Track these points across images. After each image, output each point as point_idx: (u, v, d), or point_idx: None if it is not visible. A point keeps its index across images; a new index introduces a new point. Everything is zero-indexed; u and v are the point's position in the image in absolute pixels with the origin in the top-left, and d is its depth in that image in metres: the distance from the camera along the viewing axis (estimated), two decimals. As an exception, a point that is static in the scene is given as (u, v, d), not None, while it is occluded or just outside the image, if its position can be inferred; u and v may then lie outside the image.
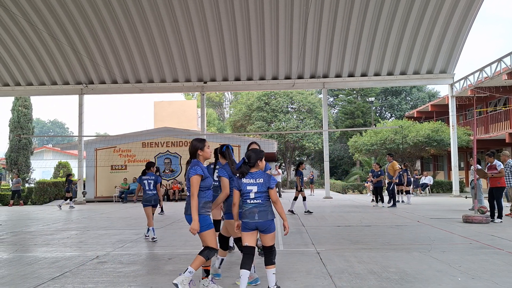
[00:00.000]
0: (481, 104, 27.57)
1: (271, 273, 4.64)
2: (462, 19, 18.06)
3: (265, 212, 4.66)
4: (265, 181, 4.69)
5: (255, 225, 4.65)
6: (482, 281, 5.05)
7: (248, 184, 4.70)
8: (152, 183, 8.84)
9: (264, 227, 4.65)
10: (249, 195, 4.69)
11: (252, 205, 4.68)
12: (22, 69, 21.16)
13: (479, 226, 9.66)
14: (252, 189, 4.68)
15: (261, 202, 4.68)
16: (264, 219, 4.63)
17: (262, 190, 4.68)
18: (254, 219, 4.63)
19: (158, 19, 18.18)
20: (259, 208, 4.66)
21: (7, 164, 29.84)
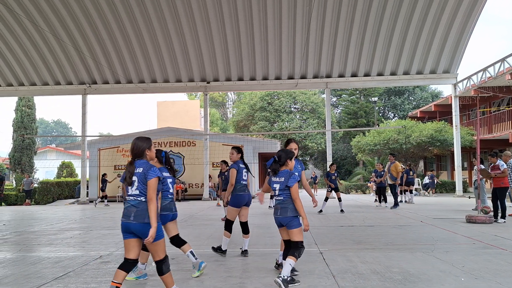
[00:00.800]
0: (484, 104, 27.50)
1: (288, 263, 4.80)
2: (465, 19, 18.01)
3: (286, 209, 4.94)
4: (285, 179, 4.95)
5: (278, 221, 5.06)
6: (485, 281, 5.03)
7: (274, 182, 5.06)
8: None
9: (285, 222, 4.96)
10: (275, 192, 5.06)
11: (277, 201, 5.07)
12: (25, 69, 21.23)
13: (482, 226, 9.63)
14: (276, 187, 5.03)
15: (283, 199, 5.00)
16: (284, 215, 4.94)
17: (283, 187, 4.96)
18: (276, 215, 5.05)
19: (161, 19, 18.20)
20: (281, 205, 4.99)
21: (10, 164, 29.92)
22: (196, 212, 14.65)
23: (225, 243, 6.65)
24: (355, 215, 12.58)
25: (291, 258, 4.81)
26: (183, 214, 14.21)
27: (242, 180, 6.71)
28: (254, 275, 5.55)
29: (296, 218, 4.96)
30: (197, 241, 8.44)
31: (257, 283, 5.18)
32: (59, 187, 25.28)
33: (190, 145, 23.18)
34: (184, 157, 23.02)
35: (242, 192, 6.66)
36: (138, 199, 4.25)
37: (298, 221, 4.97)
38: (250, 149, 23.18)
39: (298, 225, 4.94)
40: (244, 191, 6.70)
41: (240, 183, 6.69)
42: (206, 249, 7.45)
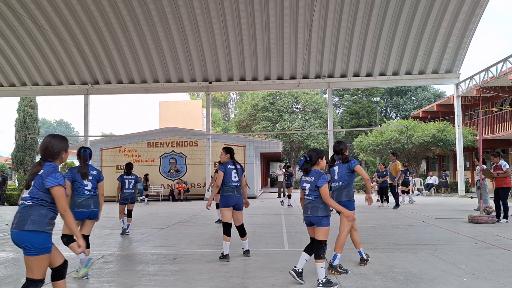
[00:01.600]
0: (486, 104, 27.46)
1: (319, 267, 4.91)
2: (467, 19, 17.97)
3: (316, 208, 5.03)
4: (315, 179, 5.04)
5: (308, 220, 5.14)
6: (488, 282, 5.03)
7: (305, 182, 5.17)
8: (132, 182, 9.67)
9: (315, 221, 5.04)
10: (305, 191, 5.16)
11: (307, 201, 5.16)
12: (28, 69, 21.27)
13: (484, 227, 9.62)
14: (306, 186, 5.14)
15: (314, 198, 5.07)
16: (314, 214, 5.03)
17: (313, 188, 5.05)
18: (306, 214, 5.14)
19: (163, 19, 18.22)
20: (312, 204, 5.07)
21: (13, 164, 30.00)
22: (198, 212, 14.66)
23: (225, 247, 6.49)
24: (357, 215, 12.50)
25: (320, 262, 4.94)
26: (185, 214, 14.24)
27: (230, 181, 6.53)
28: (256, 275, 5.56)
29: (327, 217, 5.05)
30: (199, 240, 8.46)
31: (259, 283, 5.18)
32: (62, 187, 25.29)
33: (192, 145, 23.20)
34: (186, 157, 23.05)
35: (229, 193, 6.50)
36: (26, 203, 3.64)
37: (328, 220, 5.06)
38: (252, 149, 23.20)
39: (327, 224, 5.04)
40: (232, 192, 6.51)
41: (228, 184, 6.52)
42: (208, 249, 7.46)
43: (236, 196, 6.53)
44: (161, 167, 23.10)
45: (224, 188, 6.54)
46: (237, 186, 6.58)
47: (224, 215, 6.54)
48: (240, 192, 6.65)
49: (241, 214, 6.66)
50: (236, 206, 6.55)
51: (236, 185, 6.56)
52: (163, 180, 23.10)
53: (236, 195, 6.53)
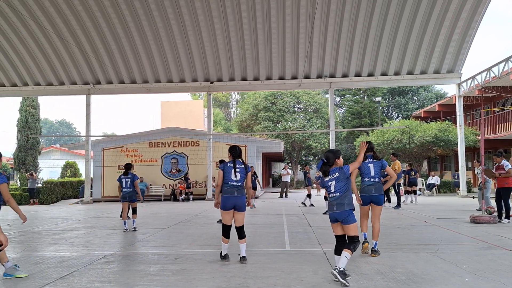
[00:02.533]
0: (488, 104, 27.41)
1: (344, 255, 5.05)
2: (469, 18, 17.95)
3: (342, 204, 5.22)
4: (340, 173, 5.30)
5: (334, 216, 5.29)
6: (490, 282, 5.02)
7: (328, 181, 5.34)
8: (129, 181, 10.01)
9: (342, 218, 5.21)
10: (330, 189, 5.33)
11: (332, 198, 5.32)
12: (29, 69, 21.30)
13: (486, 227, 9.60)
14: (331, 184, 5.32)
15: (339, 195, 5.26)
16: (341, 210, 5.21)
17: (339, 182, 5.28)
18: (332, 211, 5.29)
19: (165, 19, 18.23)
20: (337, 201, 5.25)
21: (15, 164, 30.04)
22: (199, 212, 14.66)
23: (223, 248, 6.41)
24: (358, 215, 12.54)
25: (347, 251, 5.05)
26: (186, 214, 14.24)
27: (230, 180, 6.28)
28: (257, 275, 5.55)
29: (352, 213, 5.23)
30: (201, 240, 8.46)
31: (260, 283, 5.18)
32: (63, 187, 25.35)
33: (193, 145, 23.20)
34: (188, 157, 23.05)
35: (228, 194, 6.24)
36: None
37: (354, 216, 5.25)
38: (254, 149, 23.19)
39: (354, 220, 5.21)
40: (232, 193, 6.25)
41: (228, 184, 6.28)
42: (209, 248, 7.46)
43: (236, 197, 6.25)
44: (163, 167, 23.10)
45: (223, 188, 6.31)
46: (237, 186, 6.29)
47: (223, 217, 6.39)
48: (242, 192, 6.34)
49: (242, 216, 6.38)
50: (237, 207, 6.29)
51: (236, 185, 6.28)
52: (165, 180, 23.10)
53: (236, 195, 6.25)
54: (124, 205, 10.15)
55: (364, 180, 6.76)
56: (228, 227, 6.37)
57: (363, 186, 6.76)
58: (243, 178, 6.38)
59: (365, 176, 6.77)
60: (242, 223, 6.39)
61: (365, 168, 6.76)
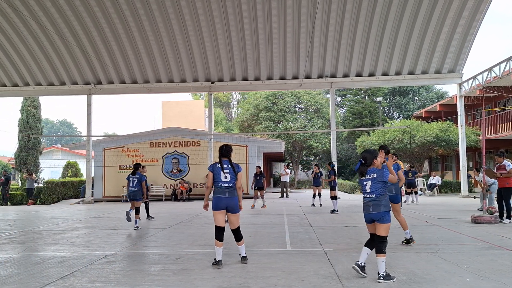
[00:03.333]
0: (489, 103, 27.38)
1: (381, 261, 5.13)
2: (470, 18, 17.93)
3: (379, 205, 5.28)
4: (378, 175, 5.33)
5: (370, 217, 5.35)
6: (491, 282, 5.02)
7: (365, 180, 5.41)
8: (136, 180, 10.39)
9: (378, 218, 5.27)
10: (365, 189, 5.40)
11: (368, 199, 5.37)
12: (31, 69, 21.32)
13: (487, 227, 9.59)
14: (367, 184, 5.38)
15: (375, 196, 5.31)
16: (377, 211, 5.26)
17: (375, 184, 5.32)
18: (368, 211, 5.34)
19: (166, 19, 18.24)
20: (374, 202, 5.30)
21: (16, 164, 30.05)
22: (200, 212, 14.67)
23: (217, 252, 6.10)
24: (360, 215, 12.55)
25: (381, 256, 5.15)
26: (187, 214, 14.25)
27: (220, 182, 6.14)
28: (258, 275, 5.56)
29: (388, 214, 5.30)
30: (202, 240, 8.46)
31: (261, 283, 5.18)
32: (64, 187, 25.35)
33: (194, 145, 23.20)
34: (189, 157, 23.05)
35: (219, 195, 6.12)
36: None
37: (390, 216, 5.32)
38: (255, 149, 23.19)
39: (389, 220, 5.29)
40: (223, 194, 6.12)
41: (219, 185, 6.15)
42: (210, 248, 7.46)
43: (227, 197, 6.11)
44: (164, 167, 23.11)
45: (215, 189, 6.20)
46: (228, 187, 6.14)
47: (215, 218, 6.15)
48: (234, 193, 6.18)
49: (236, 217, 6.21)
50: (229, 209, 6.14)
51: (227, 186, 6.14)
52: (166, 180, 23.10)
53: (227, 196, 6.11)
54: (132, 203, 10.61)
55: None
56: (221, 229, 6.13)
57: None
58: (233, 179, 6.20)
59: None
60: (237, 225, 6.22)
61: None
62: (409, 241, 7.42)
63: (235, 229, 6.22)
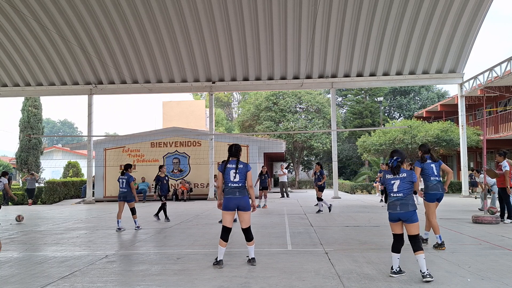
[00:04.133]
0: (490, 103, 27.34)
1: (421, 258, 5.14)
2: (471, 18, 17.92)
3: (406, 205, 5.31)
4: (408, 175, 5.39)
5: (397, 216, 5.35)
6: (492, 282, 5.01)
7: (393, 179, 5.42)
8: (124, 181, 10.28)
9: (406, 217, 5.29)
10: (392, 188, 5.40)
11: (394, 198, 5.38)
12: (32, 69, 21.34)
13: (488, 227, 9.58)
14: (395, 183, 5.39)
15: (403, 195, 5.34)
16: (405, 210, 5.28)
17: (404, 183, 5.35)
18: (395, 211, 5.34)
19: (166, 19, 18.25)
20: (401, 201, 5.33)
21: (17, 163, 30.08)
22: (201, 212, 14.67)
23: (220, 252, 6.04)
24: (360, 216, 12.55)
25: (420, 253, 5.17)
26: (188, 214, 14.25)
27: (230, 182, 6.10)
28: (259, 275, 5.55)
29: (416, 212, 5.33)
30: (203, 240, 8.46)
31: (262, 283, 5.18)
32: (65, 186, 25.36)
33: (195, 145, 23.21)
34: (190, 157, 23.05)
35: (230, 195, 6.05)
36: None
37: (417, 215, 5.35)
38: (256, 149, 23.19)
39: (417, 219, 5.33)
40: (233, 194, 6.05)
41: (228, 186, 6.10)
42: (211, 248, 7.46)
43: (238, 197, 6.04)
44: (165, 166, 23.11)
45: (225, 189, 6.14)
46: (238, 187, 6.08)
47: (224, 218, 6.12)
48: (244, 192, 6.11)
49: (247, 215, 6.14)
50: (240, 207, 6.08)
51: (237, 186, 6.08)
52: (167, 180, 23.09)
53: (237, 196, 6.04)
54: (120, 204, 10.40)
55: (431, 179, 7.23)
56: (228, 230, 6.07)
57: (431, 185, 7.20)
58: (243, 178, 6.14)
59: (430, 175, 7.23)
60: (248, 224, 6.15)
61: (429, 168, 7.27)
62: (441, 245, 7.07)
63: (246, 229, 6.15)
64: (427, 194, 7.23)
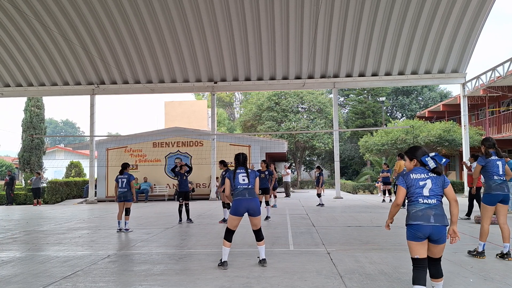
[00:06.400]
0: (493, 103, 27.30)
1: (441, 285, 4.21)
2: (474, 18, 17.89)
3: (442, 216, 4.02)
4: (441, 177, 4.14)
5: (428, 232, 3.99)
6: (494, 283, 5.00)
7: (422, 179, 4.10)
8: (125, 181, 10.05)
9: (440, 234, 3.99)
10: (421, 192, 4.07)
11: (425, 205, 4.06)
12: (34, 69, 21.38)
13: (491, 227, 9.50)
14: (426, 184, 4.08)
15: (436, 202, 4.06)
16: (441, 224, 3.98)
17: (438, 186, 4.09)
18: (428, 222, 3.98)
19: (169, 20, 18.26)
20: (435, 210, 4.02)
21: (20, 163, 30.16)
22: (203, 212, 14.68)
23: (224, 253, 6.01)
24: (362, 216, 12.54)
25: (440, 281, 4.14)
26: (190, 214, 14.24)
27: (239, 185, 6.13)
28: (261, 275, 5.55)
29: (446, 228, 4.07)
30: (205, 240, 8.46)
31: (264, 283, 5.18)
32: (68, 186, 25.43)
33: (197, 145, 23.23)
34: (192, 157, 23.07)
35: (239, 196, 6.04)
36: None
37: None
38: (258, 149, 23.20)
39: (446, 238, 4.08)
40: (243, 195, 6.04)
41: (238, 188, 6.13)
42: (213, 248, 7.46)
43: (248, 199, 6.01)
44: (167, 167, 23.13)
45: (234, 193, 6.15)
46: (248, 188, 6.10)
47: (230, 222, 6.07)
48: (254, 194, 6.12)
49: (258, 220, 6.11)
50: (251, 212, 6.03)
51: (246, 187, 6.11)
52: (169, 180, 23.13)
53: (247, 197, 6.01)
54: (120, 205, 10.22)
55: (494, 179, 6.31)
56: (232, 232, 6.06)
57: (494, 185, 6.29)
58: (252, 181, 6.21)
59: (494, 174, 6.31)
60: (259, 226, 6.14)
61: (493, 166, 6.33)
62: (504, 256, 6.26)
63: (257, 230, 6.14)
64: (487, 195, 6.32)
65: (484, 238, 6.35)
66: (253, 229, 6.16)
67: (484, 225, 6.41)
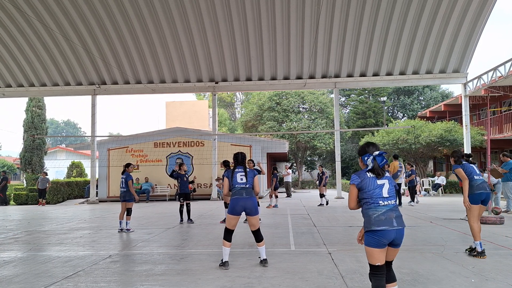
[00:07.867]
0: (495, 103, 27.26)
1: None
2: (475, 18, 17.86)
3: (401, 218, 3.77)
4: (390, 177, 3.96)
5: (391, 236, 3.68)
6: (496, 283, 4.99)
7: (380, 179, 3.84)
8: (123, 181, 10.12)
9: (401, 239, 3.74)
10: (381, 194, 3.78)
11: (386, 207, 3.75)
12: (36, 70, 21.41)
13: (493, 227, 9.55)
14: (383, 185, 3.80)
15: (394, 203, 3.81)
16: (402, 226, 3.72)
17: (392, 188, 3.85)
18: (392, 226, 3.67)
19: (170, 20, 18.27)
20: (396, 212, 3.75)
21: (21, 164, 30.19)
22: (204, 212, 14.68)
23: (224, 253, 6.01)
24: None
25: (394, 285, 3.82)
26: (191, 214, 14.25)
27: (236, 184, 6.15)
28: (262, 275, 5.55)
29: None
30: (206, 240, 8.47)
31: (265, 283, 5.18)
32: (69, 187, 25.45)
33: (198, 145, 23.24)
34: (193, 157, 23.08)
35: (237, 195, 6.06)
36: None
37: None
38: (259, 149, 23.19)
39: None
40: (240, 194, 6.07)
41: (235, 187, 6.15)
42: (214, 248, 7.46)
43: (245, 198, 6.03)
44: (168, 167, 23.14)
45: (232, 192, 6.19)
46: (245, 188, 6.12)
47: (228, 222, 6.09)
48: (251, 193, 6.12)
49: (256, 219, 6.13)
50: (247, 211, 6.05)
51: (244, 186, 6.13)
52: (170, 180, 23.13)
53: (244, 196, 6.03)
54: (122, 205, 10.26)
55: (475, 179, 6.66)
56: (231, 232, 6.08)
57: (476, 185, 6.59)
58: (250, 180, 6.21)
59: (473, 174, 6.71)
60: (257, 226, 6.14)
61: (470, 167, 6.80)
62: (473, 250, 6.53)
63: (255, 230, 6.13)
64: (470, 195, 6.59)
65: (478, 237, 6.46)
66: (252, 230, 6.16)
67: (472, 224, 6.58)
